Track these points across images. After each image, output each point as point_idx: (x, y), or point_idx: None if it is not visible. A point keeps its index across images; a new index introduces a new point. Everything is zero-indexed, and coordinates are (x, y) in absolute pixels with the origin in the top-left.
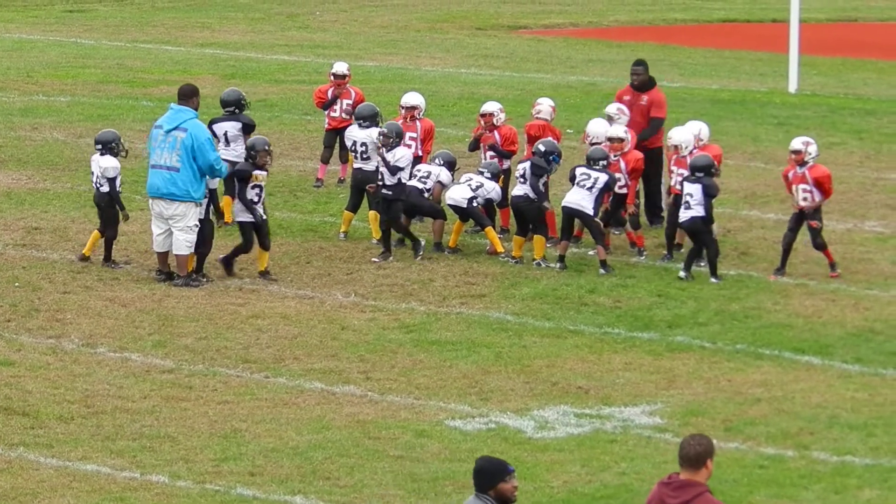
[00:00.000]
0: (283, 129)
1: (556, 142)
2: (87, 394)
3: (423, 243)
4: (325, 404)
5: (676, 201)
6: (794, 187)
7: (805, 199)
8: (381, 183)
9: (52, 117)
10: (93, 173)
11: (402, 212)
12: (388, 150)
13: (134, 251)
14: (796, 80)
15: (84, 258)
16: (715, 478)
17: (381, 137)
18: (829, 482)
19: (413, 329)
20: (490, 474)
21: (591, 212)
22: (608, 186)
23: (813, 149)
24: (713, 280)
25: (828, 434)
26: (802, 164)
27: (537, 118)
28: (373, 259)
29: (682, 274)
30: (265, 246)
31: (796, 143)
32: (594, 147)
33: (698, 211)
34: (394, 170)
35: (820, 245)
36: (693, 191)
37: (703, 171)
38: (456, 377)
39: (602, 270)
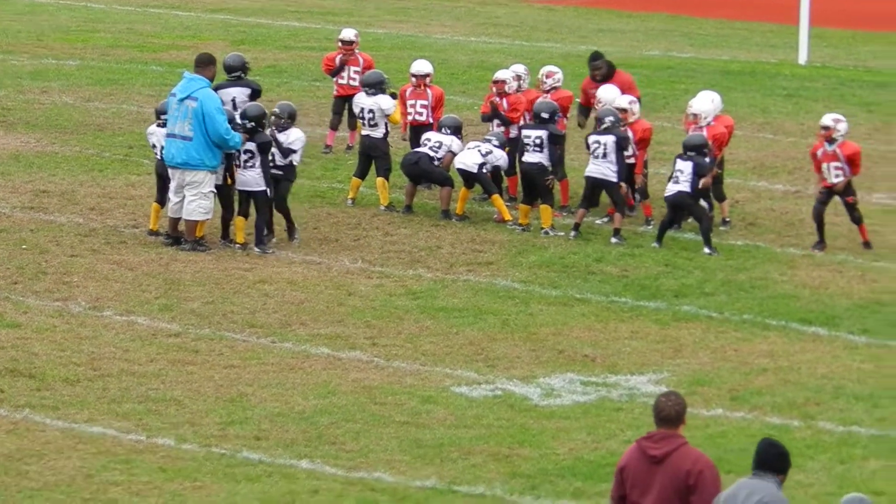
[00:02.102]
0: (291, 95)
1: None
2: (93, 356)
3: (297, 235)
4: (331, 369)
5: None
6: (823, 165)
7: (837, 176)
8: (272, 163)
9: (61, 81)
10: (153, 146)
11: (289, 193)
12: (279, 131)
13: (141, 215)
14: (806, 51)
15: (153, 233)
16: (720, 447)
17: (273, 118)
18: (834, 452)
19: (420, 296)
20: (787, 459)
21: (613, 178)
22: (620, 146)
23: (843, 126)
24: (706, 251)
25: (833, 404)
26: (831, 140)
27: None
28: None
29: (655, 244)
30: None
31: (826, 120)
32: (602, 108)
33: (686, 186)
34: (286, 152)
35: (857, 219)
36: (684, 168)
37: (696, 151)
38: (462, 344)
39: (614, 239)
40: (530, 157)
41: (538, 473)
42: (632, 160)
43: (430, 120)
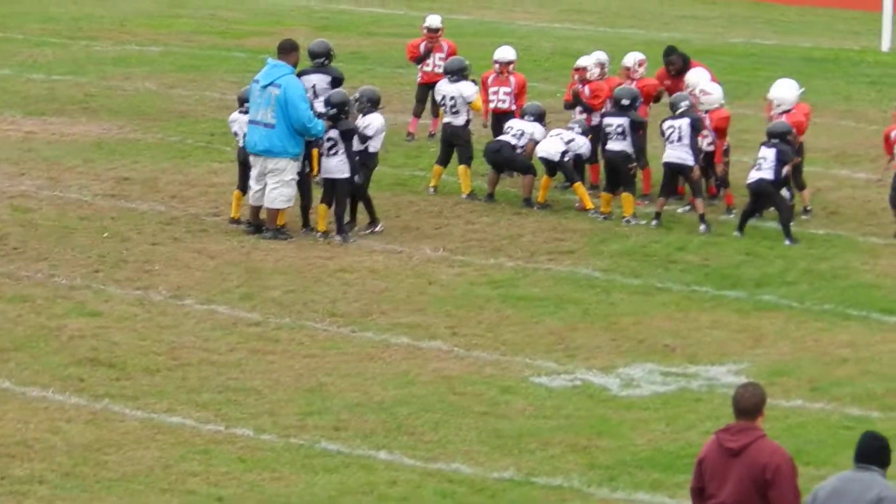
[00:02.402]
0: (374, 81)
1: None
2: (173, 346)
3: (380, 227)
4: (410, 359)
5: None
6: None
7: None
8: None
9: (144, 67)
10: (235, 133)
11: (369, 180)
12: (360, 116)
13: (223, 203)
14: (889, 38)
15: (234, 221)
16: (800, 438)
17: (356, 103)
18: None
19: (501, 284)
20: (889, 452)
21: (690, 162)
22: (695, 128)
23: None
24: (787, 242)
25: None
26: None
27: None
28: (369, 231)
29: (736, 233)
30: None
31: None
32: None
33: (768, 174)
34: (362, 137)
35: None
36: (767, 155)
37: (779, 138)
38: (542, 333)
39: (702, 226)
40: (613, 144)
41: (616, 464)
42: (710, 148)
43: (513, 107)
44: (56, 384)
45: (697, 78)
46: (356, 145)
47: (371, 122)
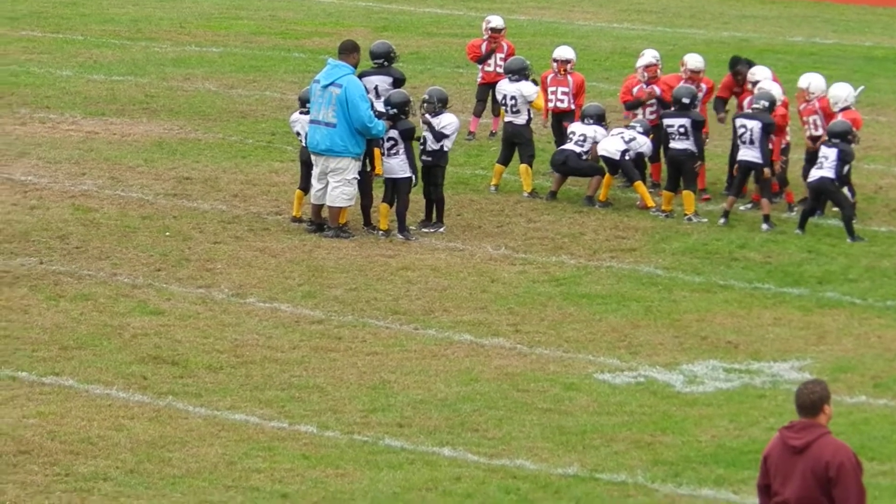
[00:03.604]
0: (434, 81)
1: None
2: (236, 343)
3: (443, 230)
4: (473, 356)
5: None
6: None
7: None
8: (422, 147)
9: (204, 68)
10: (297, 133)
11: (443, 178)
12: (433, 116)
13: (284, 202)
14: None
15: (296, 220)
16: (864, 434)
17: (425, 104)
18: None
19: (563, 282)
20: None
21: (760, 161)
22: (766, 130)
23: None
24: (849, 240)
25: None
26: None
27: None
28: (423, 229)
29: (797, 231)
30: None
31: None
32: (758, 90)
33: (829, 173)
34: (439, 136)
35: None
36: (828, 154)
37: (840, 137)
38: (605, 331)
39: (764, 225)
40: (677, 143)
41: (680, 461)
42: (770, 145)
43: (572, 106)
44: (119, 382)
45: (766, 73)
46: (431, 145)
47: (449, 122)
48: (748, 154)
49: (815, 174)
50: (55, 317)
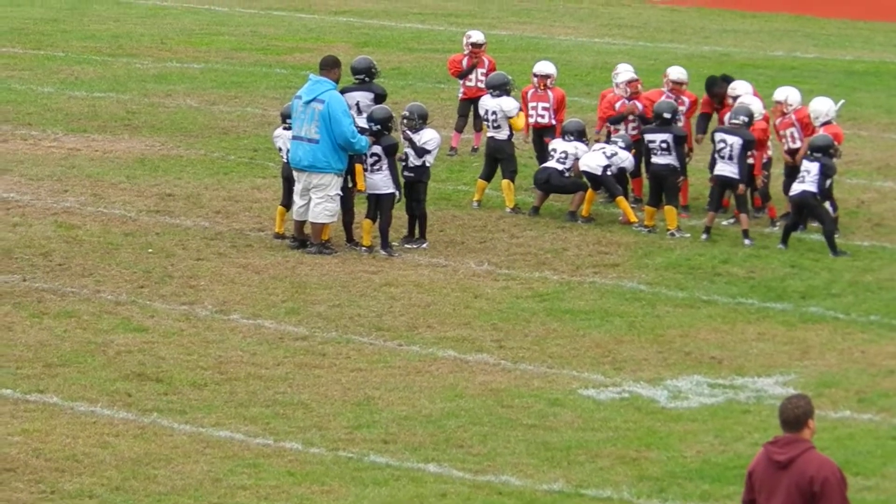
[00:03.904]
0: (416, 97)
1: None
2: (220, 360)
3: (426, 245)
4: (458, 372)
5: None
6: None
7: None
8: (404, 164)
9: (185, 84)
10: (279, 149)
11: (426, 194)
12: (413, 133)
13: (267, 218)
14: None
15: (279, 236)
16: (848, 449)
17: (405, 120)
18: None
19: (546, 298)
20: None
21: (737, 176)
22: (745, 147)
23: None
24: (832, 255)
25: None
26: None
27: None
28: (406, 245)
29: (780, 246)
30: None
31: None
32: (738, 105)
33: (812, 187)
34: (420, 152)
35: None
36: (810, 168)
37: (822, 151)
38: (589, 346)
39: (746, 241)
40: (659, 159)
41: (666, 476)
42: (750, 160)
43: (553, 122)
44: (104, 399)
45: (746, 87)
46: (413, 161)
47: (431, 138)
48: (725, 169)
49: (797, 188)
50: (39, 334)
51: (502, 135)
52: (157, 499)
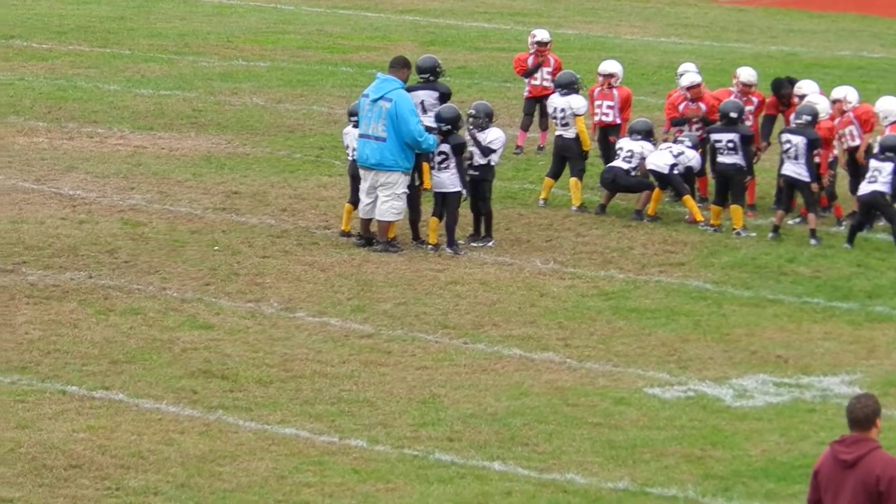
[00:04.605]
0: (482, 96)
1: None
2: (286, 358)
3: (492, 244)
4: (523, 371)
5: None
6: None
7: None
8: (469, 163)
9: (251, 82)
10: (347, 146)
11: (491, 193)
12: (479, 131)
13: (333, 216)
14: None
15: (345, 234)
16: None
17: (471, 119)
18: None
19: (612, 296)
20: None
21: (805, 178)
22: (811, 146)
23: None
24: None
25: None
26: None
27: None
28: (472, 244)
29: (846, 245)
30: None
31: None
32: (802, 104)
33: (883, 187)
34: (486, 150)
35: None
36: (882, 168)
37: (894, 151)
38: (655, 345)
39: (812, 241)
40: (725, 158)
41: (731, 475)
42: (816, 159)
43: (617, 120)
44: (169, 396)
45: (813, 87)
46: (478, 159)
47: (496, 137)
48: (791, 169)
49: (866, 188)
50: (105, 331)
51: (571, 133)
52: (222, 496)
